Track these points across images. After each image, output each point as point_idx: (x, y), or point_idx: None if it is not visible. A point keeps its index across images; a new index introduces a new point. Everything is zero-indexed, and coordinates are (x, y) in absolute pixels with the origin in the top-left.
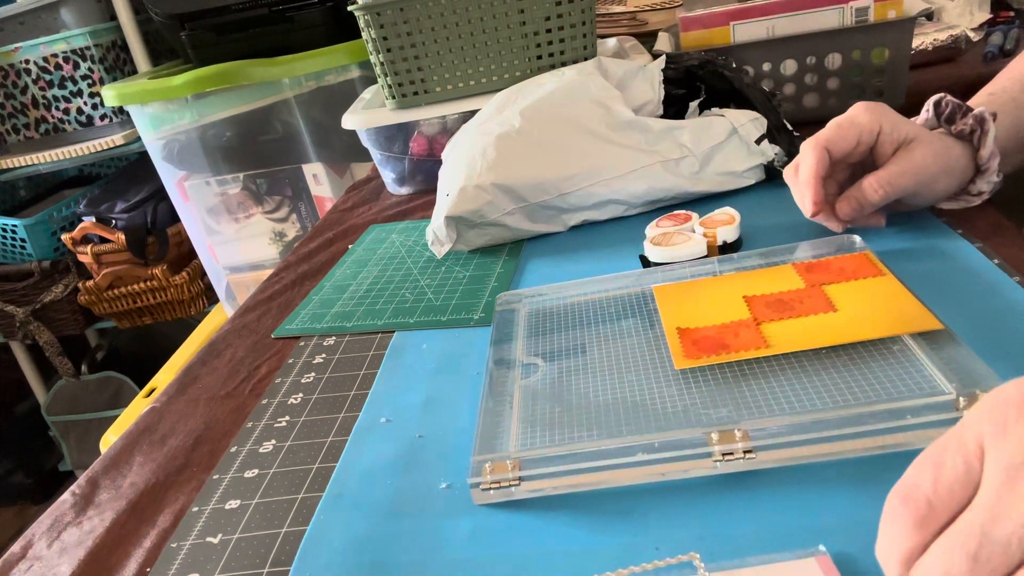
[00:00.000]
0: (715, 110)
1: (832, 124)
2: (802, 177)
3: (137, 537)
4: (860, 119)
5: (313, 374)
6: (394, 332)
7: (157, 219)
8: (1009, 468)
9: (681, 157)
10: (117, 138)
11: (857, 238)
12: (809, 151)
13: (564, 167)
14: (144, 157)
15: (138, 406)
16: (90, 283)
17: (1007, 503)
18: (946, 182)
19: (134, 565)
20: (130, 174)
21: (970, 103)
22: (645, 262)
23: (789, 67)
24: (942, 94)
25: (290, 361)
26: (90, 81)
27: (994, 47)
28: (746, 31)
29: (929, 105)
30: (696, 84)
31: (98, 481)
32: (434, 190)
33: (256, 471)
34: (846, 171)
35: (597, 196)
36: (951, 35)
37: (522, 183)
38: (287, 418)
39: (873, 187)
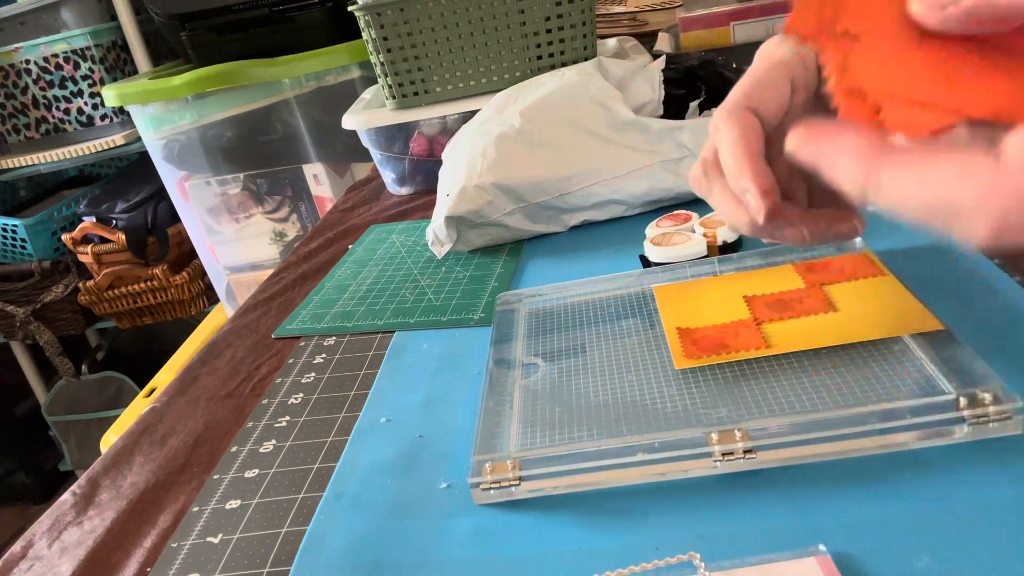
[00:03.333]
0: (715, 110)
1: (748, 75)
2: (729, 163)
3: (137, 537)
4: (782, 53)
5: (313, 374)
6: (394, 332)
7: (157, 219)
8: None
9: (681, 157)
10: (117, 138)
11: (858, 240)
12: (723, 124)
13: (564, 167)
14: (144, 157)
15: (138, 406)
16: (90, 283)
17: None
18: None
19: (134, 565)
20: (130, 174)
21: None
22: (645, 262)
23: None
24: None
25: (290, 361)
26: (90, 81)
27: None
28: (746, 31)
29: None
30: (696, 84)
31: (98, 481)
32: (434, 190)
33: (256, 471)
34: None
35: (597, 196)
36: None
37: (522, 183)
38: (287, 418)
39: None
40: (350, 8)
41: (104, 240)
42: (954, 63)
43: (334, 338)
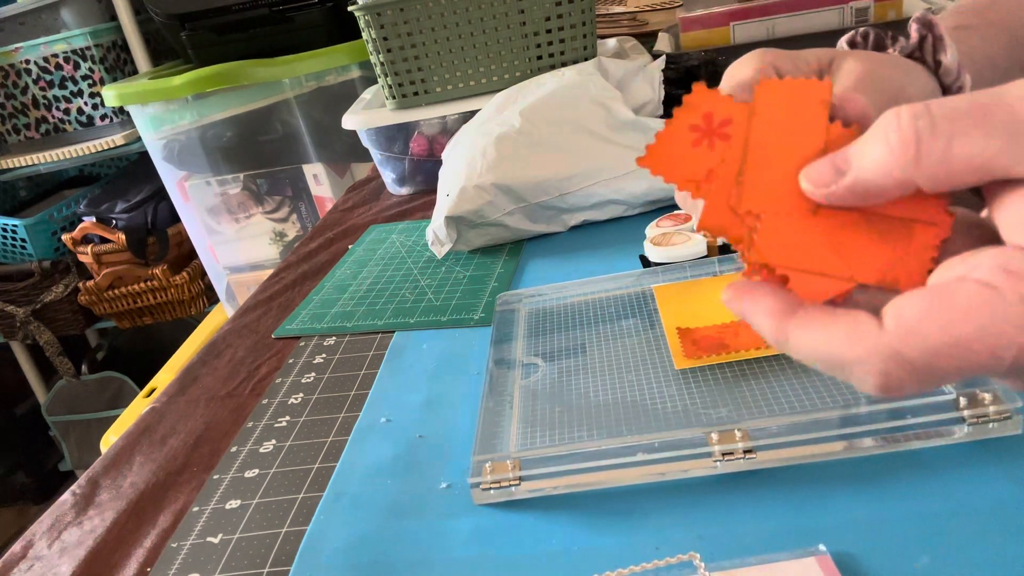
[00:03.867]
0: None
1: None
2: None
3: (137, 537)
4: (742, 74)
5: (313, 374)
6: (394, 332)
7: (157, 219)
8: None
9: None
10: (117, 138)
11: None
12: (748, 62)
13: (564, 167)
14: (144, 157)
15: (138, 406)
16: (90, 283)
17: None
18: (918, 97)
19: (134, 565)
20: (130, 174)
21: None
22: (645, 262)
23: None
24: (855, 29)
25: (290, 361)
26: (90, 81)
27: None
28: (746, 31)
29: (841, 43)
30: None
31: (98, 481)
32: (434, 190)
33: (256, 471)
34: None
35: (597, 196)
36: None
37: (522, 183)
38: (287, 418)
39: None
40: (350, 8)
41: (104, 240)
42: (845, 233)
43: (334, 338)
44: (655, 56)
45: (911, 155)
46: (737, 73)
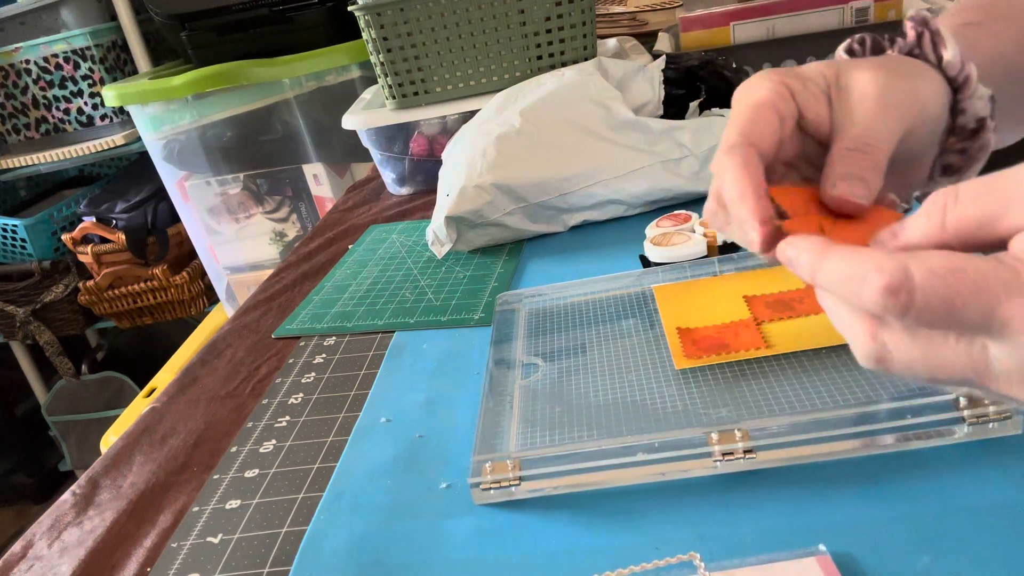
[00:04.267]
0: (715, 110)
1: (735, 118)
2: (729, 196)
3: (137, 537)
4: (760, 93)
5: (313, 374)
6: (394, 332)
7: (157, 219)
8: None
9: (681, 157)
10: (117, 138)
11: None
12: (725, 157)
13: (564, 167)
14: (144, 157)
15: (138, 406)
16: (90, 283)
17: None
18: (932, 100)
19: (134, 565)
20: (130, 174)
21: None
22: (645, 262)
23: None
24: (851, 36)
25: (290, 361)
26: (90, 81)
27: None
28: (746, 31)
29: (839, 53)
30: (696, 84)
31: (98, 481)
32: (434, 190)
33: (256, 471)
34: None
35: (597, 196)
36: None
37: (522, 183)
38: (287, 418)
39: (852, 159)
40: (350, 8)
41: (104, 240)
42: None
43: (334, 338)
44: (655, 56)
45: (937, 224)
46: (752, 95)
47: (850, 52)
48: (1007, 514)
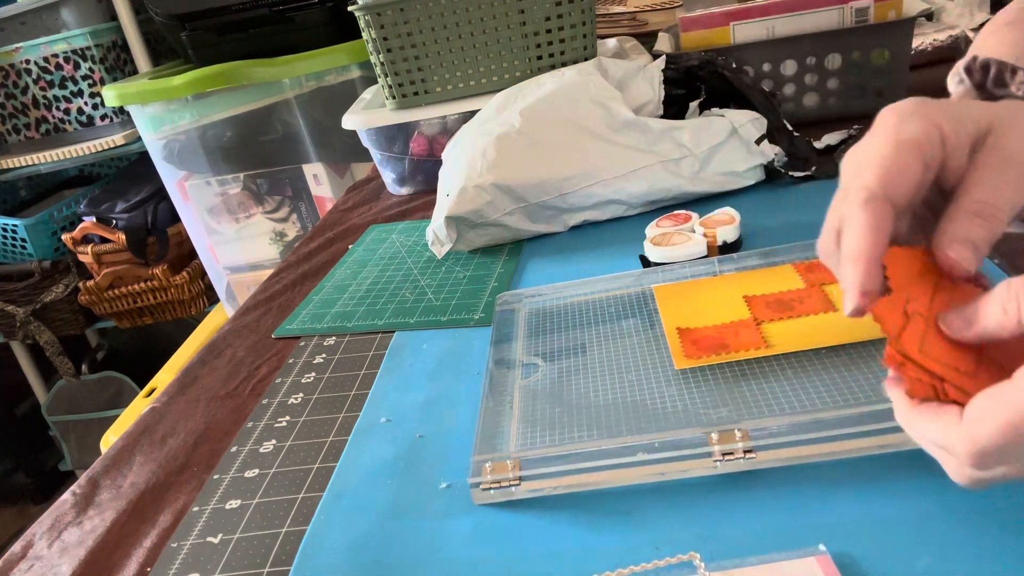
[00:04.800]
0: (715, 110)
1: (877, 155)
2: (847, 252)
3: (137, 537)
4: (912, 132)
5: (313, 374)
6: (394, 332)
7: (157, 219)
8: None
9: (681, 157)
10: (117, 138)
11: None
12: (859, 210)
13: (564, 167)
14: (144, 157)
15: (138, 406)
16: (90, 283)
17: None
18: None
19: (134, 565)
20: (130, 174)
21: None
22: (645, 262)
23: (789, 67)
24: (970, 56)
25: (290, 361)
26: (91, 81)
27: None
28: (746, 31)
29: (959, 73)
30: (696, 84)
31: (98, 481)
32: (434, 190)
33: (256, 471)
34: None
35: (597, 196)
36: (951, 35)
37: (522, 183)
38: (287, 418)
39: (977, 223)
40: (350, 8)
41: (104, 240)
42: (956, 351)
43: (334, 338)
44: (655, 56)
45: (1014, 319)
46: (902, 130)
47: (968, 70)
48: (1007, 514)
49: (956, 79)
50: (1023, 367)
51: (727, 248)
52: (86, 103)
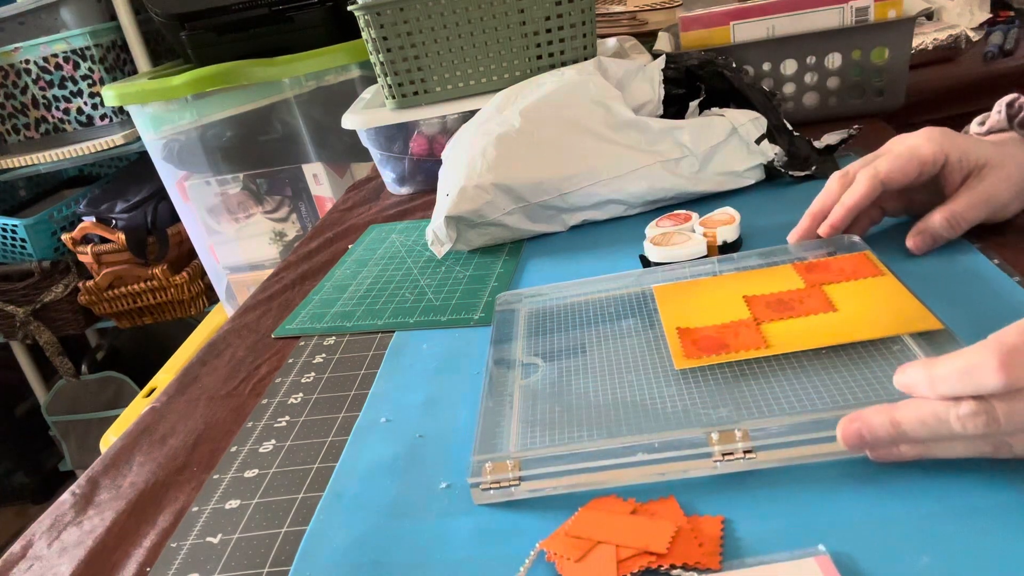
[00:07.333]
0: (715, 110)
1: (893, 154)
2: (844, 200)
3: (137, 537)
4: (923, 151)
5: (313, 374)
6: (394, 332)
7: (157, 219)
8: None
9: (681, 157)
10: (117, 138)
11: (857, 238)
12: (864, 181)
13: (564, 167)
14: (144, 157)
15: (138, 406)
16: (90, 283)
17: None
18: (1018, 205)
19: (134, 565)
20: (130, 174)
21: None
22: (645, 262)
23: (789, 67)
24: (1016, 94)
25: (290, 361)
26: (90, 81)
27: (994, 47)
28: (746, 31)
29: (1001, 105)
30: (696, 84)
31: (98, 481)
32: (434, 190)
33: (256, 471)
34: (899, 197)
35: (597, 196)
36: (951, 35)
37: (522, 183)
38: (287, 418)
39: (944, 225)
40: (350, 8)
41: (104, 240)
42: None
43: (334, 338)
44: (655, 56)
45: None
46: (920, 148)
47: (1009, 105)
48: (1007, 514)
49: (997, 109)
50: None
51: (727, 248)
52: (86, 103)
